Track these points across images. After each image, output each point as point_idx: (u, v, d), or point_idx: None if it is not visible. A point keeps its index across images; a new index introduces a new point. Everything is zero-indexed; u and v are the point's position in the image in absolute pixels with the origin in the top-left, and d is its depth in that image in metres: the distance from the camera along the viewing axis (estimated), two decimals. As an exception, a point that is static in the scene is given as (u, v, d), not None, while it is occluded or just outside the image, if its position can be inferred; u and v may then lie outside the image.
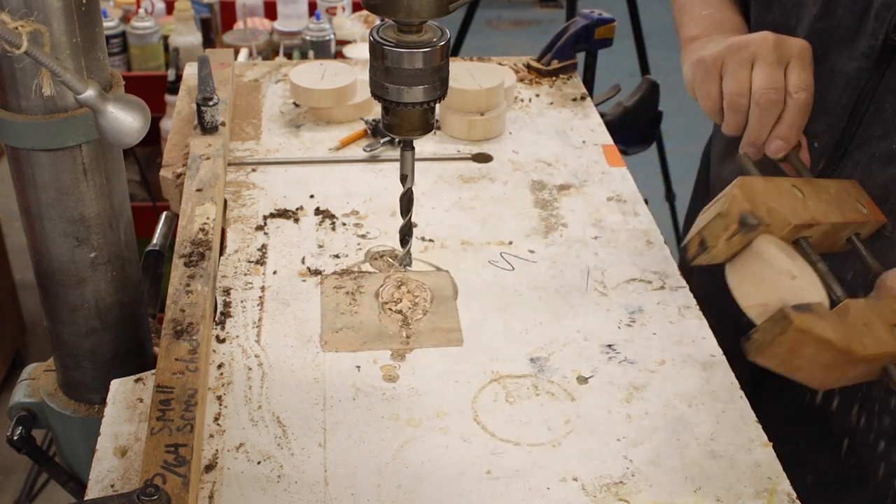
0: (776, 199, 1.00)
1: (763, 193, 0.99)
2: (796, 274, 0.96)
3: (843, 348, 0.93)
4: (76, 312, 1.03)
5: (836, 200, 1.06)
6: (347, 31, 2.71)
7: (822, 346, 0.93)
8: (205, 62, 1.47)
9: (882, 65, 1.07)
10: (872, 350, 0.94)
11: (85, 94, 0.78)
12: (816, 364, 0.94)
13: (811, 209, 1.02)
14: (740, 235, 0.97)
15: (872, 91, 1.08)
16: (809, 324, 0.91)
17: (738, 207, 0.97)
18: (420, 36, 0.91)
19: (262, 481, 0.93)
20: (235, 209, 1.33)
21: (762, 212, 0.97)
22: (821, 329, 0.92)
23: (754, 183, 1.00)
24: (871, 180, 1.09)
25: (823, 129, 1.12)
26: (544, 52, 1.71)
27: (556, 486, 0.94)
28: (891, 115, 1.07)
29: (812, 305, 0.93)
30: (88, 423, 1.08)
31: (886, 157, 1.07)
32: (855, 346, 0.94)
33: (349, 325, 1.14)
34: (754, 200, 0.97)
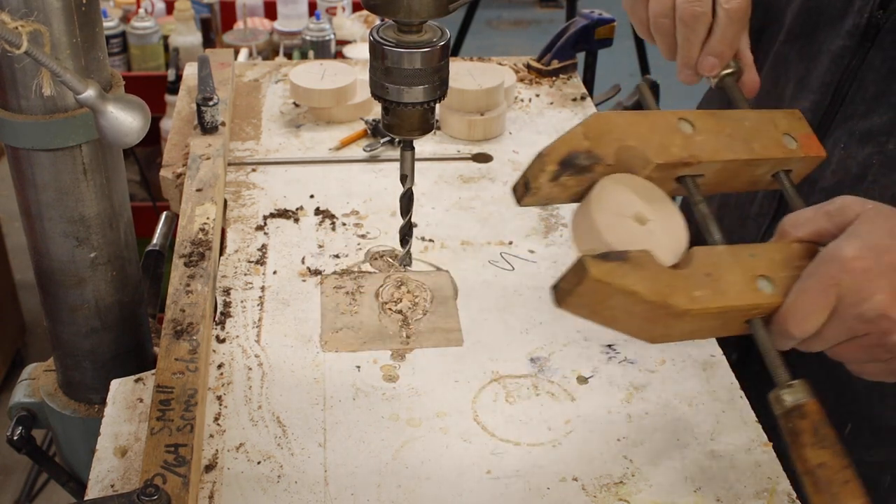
0: (639, 136, 0.91)
1: (622, 128, 0.91)
2: (650, 217, 0.89)
3: (655, 301, 0.84)
4: (76, 312, 1.03)
5: (748, 135, 0.96)
6: (347, 31, 2.71)
7: (629, 297, 0.84)
8: (205, 62, 1.47)
9: (866, 43, 1.07)
10: (704, 304, 0.85)
11: (85, 94, 0.78)
12: (631, 316, 0.87)
13: (696, 145, 0.93)
14: (572, 176, 0.89)
15: (856, 69, 1.08)
16: (610, 274, 0.83)
17: (567, 146, 0.88)
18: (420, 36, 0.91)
19: (262, 481, 0.93)
20: (235, 209, 1.33)
21: (606, 150, 0.89)
22: (625, 280, 0.83)
23: (612, 118, 0.92)
24: (851, 158, 1.08)
25: (807, 107, 1.12)
26: (544, 52, 1.71)
27: (556, 486, 0.94)
28: (872, 93, 1.07)
29: (630, 253, 0.85)
30: (88, 423, 1.08)
31: (866, 135, 1.07)
32: (675, 299, 0.85)
33: (349, 325, 1.14)
34: (601, 138, 0.89)
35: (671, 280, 0.86)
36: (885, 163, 1.06)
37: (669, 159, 0.92)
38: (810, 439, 0.85)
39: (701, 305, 0.86)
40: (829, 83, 1.10)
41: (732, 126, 0.96)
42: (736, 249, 0.90)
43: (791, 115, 1.00)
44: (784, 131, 0.98)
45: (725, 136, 0.95)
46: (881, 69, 1.06)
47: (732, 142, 0.95)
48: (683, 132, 0.94)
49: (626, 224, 0.88)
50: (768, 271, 0.89)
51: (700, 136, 0.94)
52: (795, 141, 0.98)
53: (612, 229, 0.87)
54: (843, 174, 1.09)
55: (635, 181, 0.91)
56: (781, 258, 0.90)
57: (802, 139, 0.99)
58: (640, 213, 0.90)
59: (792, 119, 1.00)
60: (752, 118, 0.98)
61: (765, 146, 0.96)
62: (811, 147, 0.99)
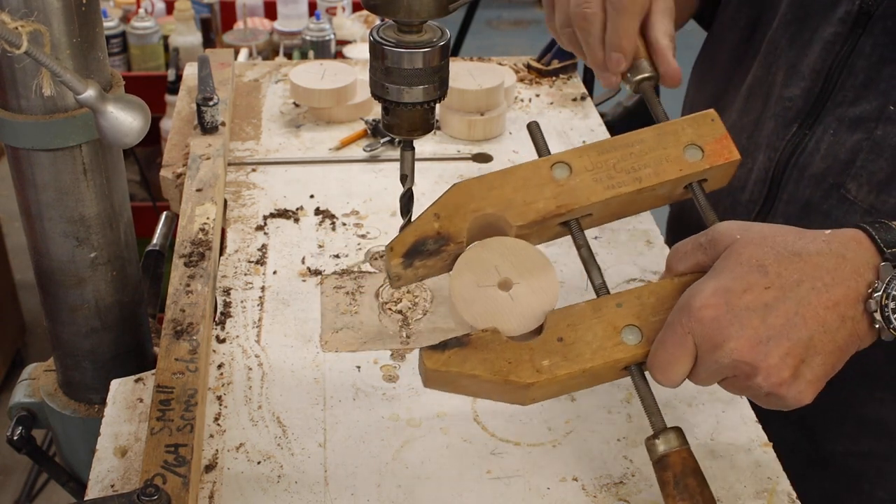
0: (501, 199, 0.92)
1: (480, 197, 0.92)
2: (516, 280, 0.91)
3: (496, 380, 0.87)
4: (76, 312, 1.03)
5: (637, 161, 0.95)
6: (347, 31, 2.72)
7: (473, 379, 0.87)
8: (205, 62, 1.47)
9: (857, 29, 1.07)
10: (552, 373, 0.86)
11: (85, 94, 0.78)
12: (488, 391, 0.89)
13: (568, 192, 0.93)
14: (427, 260, 0.91)
15: (846, 56, 1.08)
16: (448, 363, 0.86)
17: (415, 234, 0.91)
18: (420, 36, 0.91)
19: (262, 481, 0.93)
20: (235, 209, 1.33)
21: (459, 227, 0.91)
22: (464, 366, 0.86)
23: (472, 187, 0.93)
24: (840, 145, 1.09)
25: (798, 94, 1.13)
26: (544, 52, 1.71)
27: (556, 486, 0.94)
28: (862, 80, 1.07)
29: (472, 336, 0.88)
30: (88, 423, 1.08)
31: (855, 122, 1.08)
32: (517, 375, 0.86)
33: (349, 325, 1.14)
34: (454, 215, 0.91)
35: (514, 355, 0.88)
36: (873, 148, 1.06)
37: (534, 217, 0.93)
38: (672, 490, 0.86)
39: (548, 375, 0.87)
40: (820, 70, 1.11)
41: (619, 155, 0.96)
42: (601, 302, 0.90)
43: (701, 120, 0.98)
44: (689, 142, 0.96)
45: (607, 171, 0.95)
46: (871, 56, 1.06)
47: (615, 175, 0.95)
48: (557, 180, 0.95)
49: (486, 295, 0.91)
50: (636, 320, 0.89)
51: (576, 180, 0.95)
52: (701, 150, 0.96)
53: (470, 306, 0.90)
54: (832, 160, 1.10)
55: (504, 243, 0.93)
56: (654, 302, 0.89)
57: (711, 146, 0.96)
58: (504, 279, 0.92)
59: (702, 124, 0.98)
60: (649, 138, 0.96)
61: (656, 171, 0.95)
62: (720, 153, 0.96)
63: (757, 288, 0.81)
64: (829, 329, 0.81)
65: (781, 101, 1.15)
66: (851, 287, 0.81)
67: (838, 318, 0.81)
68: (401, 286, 0.94)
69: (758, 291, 0.81)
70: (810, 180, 1.11)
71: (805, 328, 0.80)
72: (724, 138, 0.97)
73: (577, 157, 0.95)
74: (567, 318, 0.89)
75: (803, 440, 1.18)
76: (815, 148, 1.11)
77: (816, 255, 0.82)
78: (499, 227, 0.94)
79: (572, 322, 0.89)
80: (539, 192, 0.94)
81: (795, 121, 1.14)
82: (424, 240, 0.91)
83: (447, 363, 0.87)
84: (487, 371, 0.87)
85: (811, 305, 0.80)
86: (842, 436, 1.18)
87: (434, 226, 0.92)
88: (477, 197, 0.93)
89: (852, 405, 1.15)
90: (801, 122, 1.13)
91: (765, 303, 0.80)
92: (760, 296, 0.81)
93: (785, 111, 1.15)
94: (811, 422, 1.18)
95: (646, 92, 1.03)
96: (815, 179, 1.11)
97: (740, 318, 0.80)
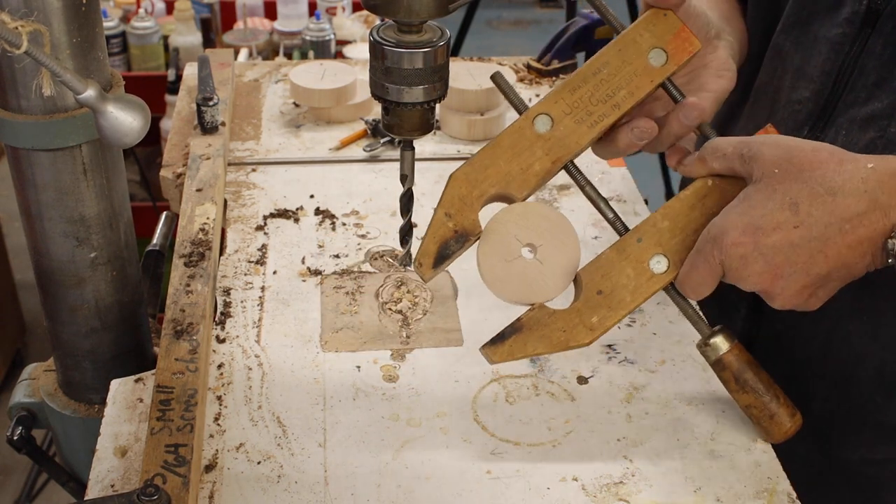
0: (498, 175, 0.95)
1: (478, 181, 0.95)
2: (539, 242, 0.95)
3: (558, 349, 0.95)
4: (76, 312, 1.03)
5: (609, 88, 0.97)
6: (347, 31, 2.71)
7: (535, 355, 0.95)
8: (205, 62, 1.47)
9: (866, 29, 1.07)
10: (604, 325, 0.94)
11: (85, 94, 0.78)
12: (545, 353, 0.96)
13: (557, 143, 0.96)
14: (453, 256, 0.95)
15: (856, 56, 1.08)
16: (511, 352, 0.94)
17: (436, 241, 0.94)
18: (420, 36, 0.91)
19: (262, 481, 0.93)
20: (235, 209, 1.33)
21: (470, 220, 0.94)
22: (526, 349, 0.94)
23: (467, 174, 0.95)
24: (853, 145, 1.08)
25: (807, 96, 1.12)
26: (544, 52, 1.71)
27: (556, 486, 0.94)
28: (873, 79, 1.07)
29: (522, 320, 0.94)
30: (88, 423, 1.08)
31: (867, 121, 1.07)
32: (575, 339, 0.94)
33: (349, 325, 1.14)
34: (462, 210, 0.95)
35: (567, 323, 0.95)
36: (887, 146, 1.05)
37: (535, 182, 0.97)
38: (734, 386, 0.97)
39: (601, 329, 0.95)
40: (830, 71, 1.10)
41: (591, 87, 0.97)
42: (623, 243, 0.96)
43: (654, 19, 0.98)
44: (651, 46, 0.98)
45: (585, 108, 0.97)
46: (882, 55, 1.06)
47: (594, 110, 0.97)
48: (542, 134, 0.97)
49: (516, 268, 0.96)
50: (659, 248, 0.96)
51: (560, 128, 0.97)
52: (665, 52, 0.98)
53: (506, 284, 0.96)
54: None
55: (513, 210, 0.96)
56: (669, 225, 0.96)
57: (672, 44, 0.98)
58: (529, 244, 0.96)
59: (657, 23, 0.98)
60: (612, 58, 0.98)
61: (629, 90, 0.97)
62: (683, 48, 0.98)
63: (786, 227, 0.87)
64: (847, 264, 0.88)
65: (790, 105, 1.14)
66: (877, 228, 0.86)
67: (859, 254, 0.87)
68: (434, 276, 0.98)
69: (786, 230, 0.87)
70: None
71: (825, 265, 0.87)
72: (682, 31, 0.98)
73: (553, 104, 0.97)
74: (598, 269, 0.96)
75: (815, 451, 1.17)
76: None
77: (850, 196, 0.86)
78: (507, 200, 0.97)
79: (605, 272, 0.96)
80: (531, 154, 0.96)
81: (806, 124, 1.13)
82: (446, 243, 0.95)
83: (511, 352, 0.94)
84: (548, 346, 0.94)
85: (835, 245, 0.87)
86: (858, 444, 1.17)
87: (449, 226, 0.95)
88: (476, 182, 0.95)
89: (870, 412, 1.15)
90: (812, 125, 1.12)
91: (791, 241, 0.87)
92: (788, 234, 0.87)
93: (794, 115, 1.14)
94: (826, 431, 1.17)
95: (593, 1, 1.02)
96: None
97: (766, 255, 0.88)
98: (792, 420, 0.96)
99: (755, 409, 0.97)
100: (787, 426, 0.96)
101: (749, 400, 0.97)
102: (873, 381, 1.13)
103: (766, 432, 0.97)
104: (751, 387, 0.96)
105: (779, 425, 0.96)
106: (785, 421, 0.96)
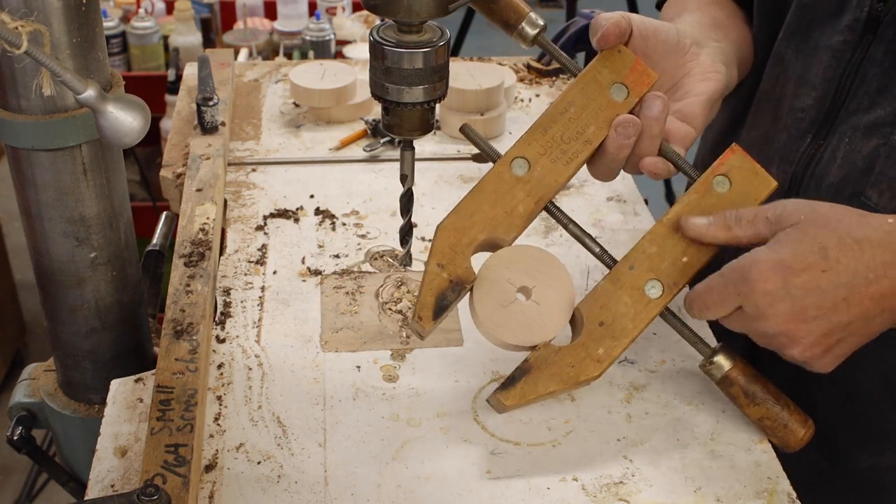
0: (484, 222, 0.97)
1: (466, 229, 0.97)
2: (532, 284, 0.97)
3: (570, 386, 0.96)
4: (76, 312, 1.03)
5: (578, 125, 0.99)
6: (347, 31, 2.71)
7: (550, 393, 0.95)
8: (205, 62, 1.47)
9: (867, 36, 1.07)
10: (611, 356, 0.96)
11: (85, 94, 0.78)
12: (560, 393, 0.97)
13: (536, 184, 0.98)
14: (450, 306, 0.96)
15: (858, 63, 1.08)
16: (523, 395, 0.95)
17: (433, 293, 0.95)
18: (420, 36, 0.91)
19: (262, 481, 0.93)
20: (235, 209, 1.33)
21: (463, 268, 0.96)
22: (538, 390, 0.95)
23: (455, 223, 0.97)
24: (856, 152, 1.08)
25: (810, 104, 1.12)
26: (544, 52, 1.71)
27: (556, 486, 0.94)
28: (875, 86, 1.06)
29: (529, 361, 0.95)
30: (88, 423, 1.08)
31: (870, 128, 1.07)
32: (585, 374, 0.95)
33: (349, 325, 1.14)
34: (454, 258, 0.96)
35: (574, 358, 0.96)
36: (890, 153, 1.05)
37: (521, 224, 0.99)
38: (744, 401, 0.98)
39: (608, 360, 0.96)
40: (832, 79, 1.10)
41: (561, 127, 1.00)
42: (616, 273, 0.98)
43: (610, 56, 1.01)
44: (611, 82, 1.00)
45: (559, 147, 0.99)
46: (884, 62, 1.05)
47: (567, 148, 0.99)
48: (521, 177, 0.99)
49: (513, 312, 0.97)
50: (652, 273, 0.98)
51: (537, 169, 0.99)
52: (625, 87, 1.00)
53: (505, 329, 0.97)
54: (849, 169, 1.08)
55: (502, 255, 0.98)
56: (657, 250, 0.98)
57: (631, 78, 1.00)
58: (522, 287, 0.97)
59: (613, 60, 1.01)
60: (576, 98, 1.00)
61: (598, 125, 1.00)
62: (641, 81, 1.00)
63: (815, 269, 0.87)
64: (868, 317, 0.89)
65: (793, 113, 1.14)
66: None
67: (879, 308, 0.88)
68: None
69: (814, 273, 0.87)
70: (829, 190, 1.10)
71: (847, 314, 0.88)
72: (637, 64, 1.00)
73: (528, 146, 1.00)
74: (597, 301, 0.97)
75: (822, 459, 1.17)
76: (832, 157, 1.10)
77: (877, 247, 0.88)
78: (495, 245, 0.99)
79: (603, 303, 0.97)
80: (513, 197, 0.98)
81: (809, 131, 1.13)
82: (443, 294, 0.96)
83: (524, 395, 0.95)
84: (559, 383, 0.95)
85: (859, 294, 0.87)
86: (865, 451, 1.17)
87: (444, 277, 0.96)
88: (464, 229, 0.98)
89: (875, 420, 1.15)
90: (815, 133, 1.12)
91: (819, 285, 0.87)
92: (816, 278, 0.87)
93: (797, 122, 1.13)
94: (833, 439, 1.17)
95: (545, 45, 1.04)
96: (834, 189, 1.10)
97: (793, 295, 0.87)
98: (805, 427, 0.97)
99: (768, 421, 0.97)
100: (801, 433, 0.97)
101: (761, 412, 0.97)
102: (878, 390, 1.13)
103: (781, 442, 0.98)
104: (761, 399, 0.97)
105: (793, 433, 0.97)
106: (798, 429, 0.97)
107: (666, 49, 1.04)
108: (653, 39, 1.03)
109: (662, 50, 1.04)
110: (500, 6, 1.01)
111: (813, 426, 0.98)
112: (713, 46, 1.09)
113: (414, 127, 0.97)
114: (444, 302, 0.96)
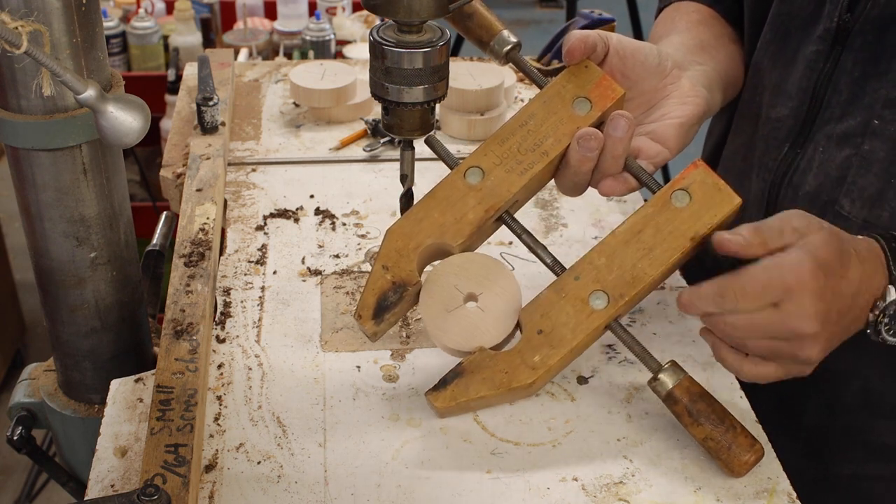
0: (433, 227, 0.98)
1: (414, 234, 0.98)
2: (479, 290, 0.98)
3: (502, 392, 0.96)
4: (76, 312, 1.03)
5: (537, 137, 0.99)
6: (347, 31, 2.72)
7: (482, 398, 0.96)
8: (205, 62, 1.47)
9: (837, 46, 1.07)
10: (546, 364, 0.95)
11: (85, 94, 0.78)
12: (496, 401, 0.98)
13: (489, 193, 0.99)
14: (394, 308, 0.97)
15: (830, 73, 1.08)
16: (454, 397, 0.96)
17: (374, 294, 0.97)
18: (420, 36, 0.91)
19: (262, 481, 0.93)
20: (235, 209, 1.33)
21: (407, 270, 0.97)
22: (469, 393, 0.95)
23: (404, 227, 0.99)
24: (829, 162, 1.09)
25: (786, 114, 1.13)
26: (544, 52, 1.71)
27: (556, 486, 0.94)
28: (846, 96, 1.07)
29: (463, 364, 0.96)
30: (88, 423, 1.08)
31: (843, 138, 1.07)
32: (517, 380, 0.95)
33: (349, 325, 1.14)
34: (399, 261, 0.97)
35: (508, 364, 0.96)
36: (861, 164, 1.06)
37: (469, 231, 0.99)
38: (688, 420, 0.95)
39: (543, 368, 0.96)
40: (806, 88, 1.10)
41: (519, 138, 1.00)
42: (561, 282, 0.98)
43: (576, 71, 1.00)
44: (574, 96, 1.00)
45: (514, 158, 1.00)
46: (853, 72, 1.06)
47: (523, 159, 1.00)
48: (474, 186, 1.00)
49: (458, 316, 0.98)
50: (597, 285, 0.97)
51: (491, 178, 1.00)
52: (588, 101, 1.00)
53: (448, 333, 0.98)
54: (823, 178, 1.10)
55: (453, 262, 0.99)
56: (605, 262, 0.97)
57: (595, 92, 1.00)
58: (468, 294, 0.99)
59: (579, 74, 1.00)
60: (537, 110, 1.00)
61: (556, 138, 1.00)
62: (606, 95, 1.00)
63: (838, 275, 0.90)
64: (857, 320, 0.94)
65: (770, 122, 1.14)
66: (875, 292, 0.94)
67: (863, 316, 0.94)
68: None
69: (837, 278, 0.90)
70: (805, 199, 1.11)
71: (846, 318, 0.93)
72: (602, 79, 1.00)
73: (483, 156, 1.01)
74: (538, 309, 0.97)
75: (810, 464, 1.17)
76: (808, 166, 1.11)
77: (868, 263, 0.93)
78: (443, 251, 1.00)
79: (543, 312, 0.97)
80: (464, 205, 0.99)
81: (786, 141, 1.13)
82: (385, 295, 0.97)
83: (454, 397, 0.96)
84: (491, 388, 0.95)
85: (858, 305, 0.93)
86: (848, 460, 1.17)
87: (387, 278, 0.98)
88: (412, 234, 0.99)
89: (859, 431, 1.15)
90: (792, 142, 1.13)
91: (840, 290, 0.91)
92: (839, 283, 0.90)
93: (774, 132, 1.14)
94: (819, 446, 1.17)
95: (517, 61, 1.04)
96: (810, 198, 1.11)
97: (826, 298, 0.89)
98: (751, 451, 0.92)
99: (711, 442, 0.93)
100: (745, 457, 0.92)
101: (705, 432, 0.93)
102: (859, 401, 1.13)
103: (725, 465, 0.93)
104: (704, 418, 0.93)
105: (737, 457, 0.92)
106: (742, 453, 0.92)
107: (645, 70, 1.03)
108: (631, 60, 1.02)
109: (641, 71, 1.03)
110: (474, 24, 1.02)
111: (761, 450, 0.93)
112: (697, 70, 1.09)
113: (414, 127, 0.97)
114: (384, 302, 0.97)
